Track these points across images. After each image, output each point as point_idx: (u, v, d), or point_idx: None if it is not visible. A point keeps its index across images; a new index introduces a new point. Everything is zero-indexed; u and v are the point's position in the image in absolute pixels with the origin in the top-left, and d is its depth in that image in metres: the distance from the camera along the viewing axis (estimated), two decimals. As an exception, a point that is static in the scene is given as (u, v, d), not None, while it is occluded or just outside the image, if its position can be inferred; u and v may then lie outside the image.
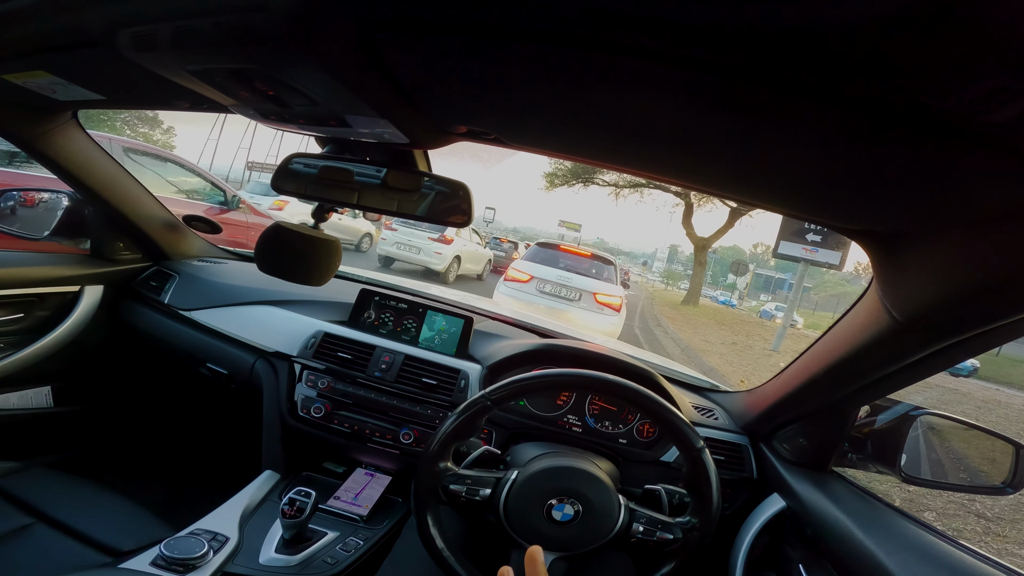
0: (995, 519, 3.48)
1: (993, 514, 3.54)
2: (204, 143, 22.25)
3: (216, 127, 22.11)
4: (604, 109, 0.49)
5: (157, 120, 27.39)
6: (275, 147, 23.17)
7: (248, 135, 22.35)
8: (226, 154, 25.04)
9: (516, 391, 0.82)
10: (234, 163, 21.95)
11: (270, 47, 0.45)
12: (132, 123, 25.26)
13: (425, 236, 8.92)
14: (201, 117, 32.97)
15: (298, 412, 1.18)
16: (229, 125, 24.32)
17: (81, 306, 1.38)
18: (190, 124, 38.40)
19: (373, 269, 2.12)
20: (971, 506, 3.58)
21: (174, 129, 29.47)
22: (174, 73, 0.58)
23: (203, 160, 20.44)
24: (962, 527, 3.31)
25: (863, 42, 0.29)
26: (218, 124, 21.66)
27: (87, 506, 1.06)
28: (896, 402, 0.98)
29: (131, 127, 25.37)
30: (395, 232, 9.04)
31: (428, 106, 0.58)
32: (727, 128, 0.46)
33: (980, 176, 0.41)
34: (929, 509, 3.47)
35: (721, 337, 11.48)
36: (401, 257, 9.11)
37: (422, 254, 9.00)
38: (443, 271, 9.14)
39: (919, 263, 0.57)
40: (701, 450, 0.78)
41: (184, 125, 32.26)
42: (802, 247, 10.01)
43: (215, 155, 21.44)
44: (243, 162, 21.61)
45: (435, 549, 0.78)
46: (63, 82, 0.82)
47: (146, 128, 27.12)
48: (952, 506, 3.56)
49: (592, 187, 17.94)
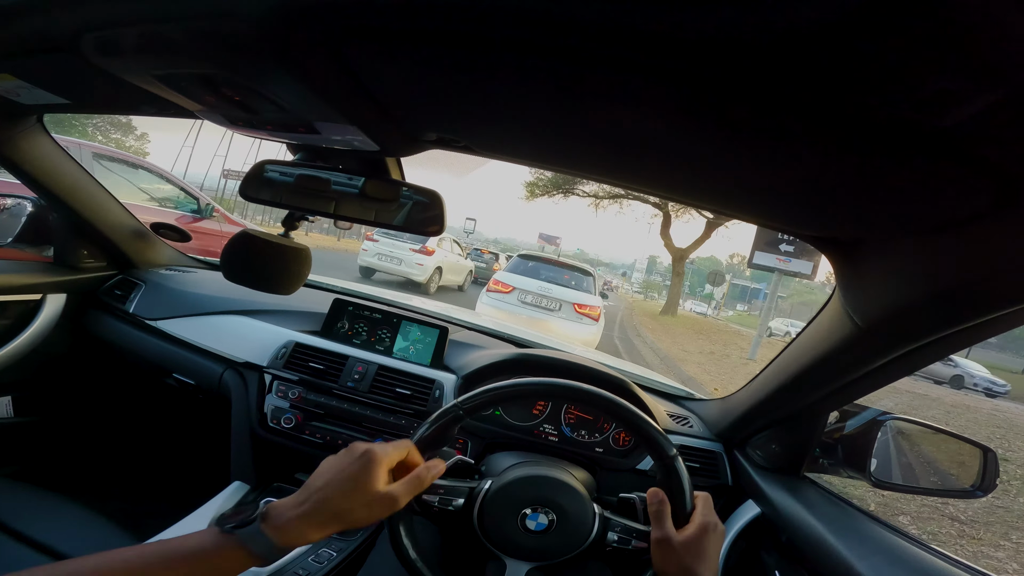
0: (969, 522, 3.53)
1: (967, 517, 3.59)
2: (179, 150, 21.86)
3: (192, 134, 21.72)
4: (571, 119, 0.49)
5: (130, 126, 26.61)
6: (252, 154, 22.88)
7: (224, 143, 22.05)
8: (202, 161, 24.61)
9: (488, 400, 0.81)
10: (209, 171, 21.64)
11: (238, 53, 0.45)
12: (104, 128, 24.48)
13: (406, 247, 8.87)
14: (176, 123, 32.23)
15: (268, 423, 1.15)
16: (205, 132, 23.90)
17: (43, 315, 1.33)
18: (165, 130, 37.64)
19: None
20: (945, 509, 3.63)
21: (148, 135, 28.63)
22: (139, 78, 0.58)
23: (178, 167, 20.08)
24: (937, 530, 3.36)
25: (809, 49, 0.29)
26: (194, 131, 21.30)
27: (50, 517, 1.02)
28: (864, 407, 0.99)
29: (103, 133, 24.59)
30: (376, 243, 8.99)
31: (397, 113, 0.58)
32: (693, 139, 0.47)
33: (929, 183, 0.42)
34: (904, 513, 3.51)
35: (699, 346, 11.55)
36: (382, 268, 9.07)
37: (403, 265, 8.96)
38: (424, 282, 9.09)
39: (878, 270, 0.58)
40: (674, 458, 0.79)
41: (159, 131, 31.42)
42: (776, 257, 10.13)
43: (190, 162, 21.06)
44: (219, 170, 21.27)
45: (408, 560, 0.76)
46: (27, 86, 0.80)
47: (119, 134, 26.30)
48: (926, 509, 3.60)
49: (572, 198, 18.19)
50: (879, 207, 0.49)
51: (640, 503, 0.84)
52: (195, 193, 5.22)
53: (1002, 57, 0.26)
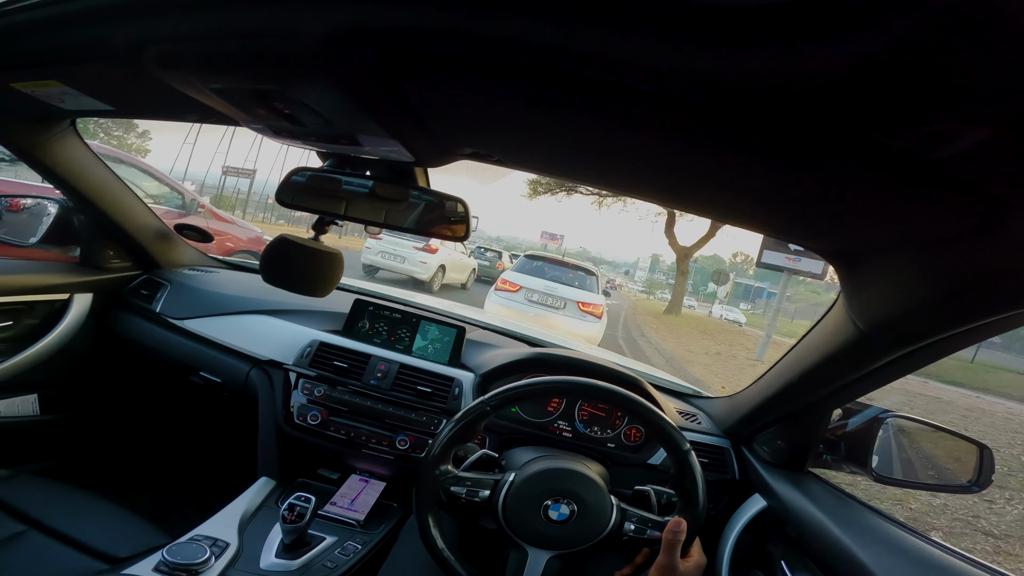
0: (1003, 536, 3.42)
1: (1000, 531, 3.47)
2: (179, 148, 21.74)
3: (192, 132, 21.57)
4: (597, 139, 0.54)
5: (132, 124, 26.37)
6: (254, 152, 22.74)
7: (225, 141, 21.98)
8: (202, 160, 24.45)
9: (514, 397, 0.85)
10: (211, 168, 21.58)
11: (297, 71, 0.48)
12: (106, 127, 24.28)
13: (410, 245, 8.84)
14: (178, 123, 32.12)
15: (294, 420, 1.19)
16: (205, 132, 23.78)
17: (70, 315, 1.37)
18: (166, 129, 37.51)
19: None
20: (977, 524, 3.52)
21: (149, 133, 28.42)
22: (194, 90, 0.60)
23: (178, 164, 19.97)
24: (971, 546, 3.18)
25: (824, 89, 0.33)
26: (194, 129, 21.18)
27: (79, 513, 1.06)
28: (866, 405, 1.03)
29: (106, 131, 24.33)
30: (379, 241, 8.95)
31: (438, 129, 0.61)
32: (707, 160, 0.51)
33: (925, 204, 0.46)
34: (935, 528, 3.39)
35: (705, 347, 11.40)
36: (386, 266, 9.04)
37: (407, 263, 8.93)
38: (428, 280, 9.08)
39: (878, 278, 0.63)
40: (688, 452, 0.83)
41: (160, 130, 31.37)
42: (785, 256, 9.97)
43: (190, 161, 20.98)
44: (219, 167, 21.25)
45: (436, 550, 0.81)
46: (73, 92, 0.81)
47: (120, 132, 26.01)
48: (958, 524, 3.48)
49: (575, 196, 18.09)
50: (879, 224, 0.53)
51: (655, 495, 0.89)
52: (180, 189, 5.20)
53: (988, 100, 0.30)
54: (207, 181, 20.87)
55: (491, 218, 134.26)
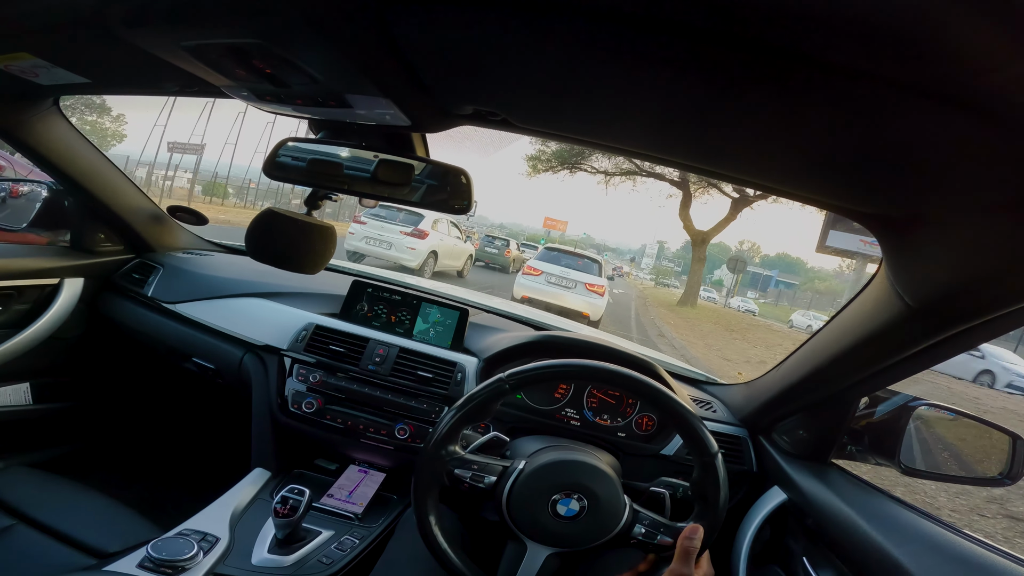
0: None
1: None
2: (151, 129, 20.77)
3: (164, 112, 20.42)
4: (617, 86, 0.47)
5: (106, 107, 25.19)
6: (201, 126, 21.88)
7: (164, 114, 20.19)
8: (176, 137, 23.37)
9: (538, 376, 0.79)
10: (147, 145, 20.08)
11: (274, 19, 0.43)
12: (79, 110, 22.93)
13: (397, 230, 8.22)
14: (151, 103, 30.53)
15: (289, 407, 1.15)
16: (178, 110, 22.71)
17: (60, 299, 1.33)
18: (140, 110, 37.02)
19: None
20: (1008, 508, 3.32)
21: (124, 116, 27.64)
22: (167, 51, 0.56)
23: (149, 146, 19.20)
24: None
25: (905, 21, 0.27)
26: (166, 109, 20.11)
27: (69, 506, 1.02)
28: (895, 393, 0.98)
29: (79, 114, 23.10)
30: (364, 226, 8.29)
31: (435, 84, 0.56)
32: (744, 105, 0.44)
33: (1005, 159, 0.40)
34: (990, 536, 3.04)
35: (740, 350, 9.84)
36: (370, 253, 8.28)
37: (393, 249, 8.22)
38: (417, 267, 8.29)
39: (934, 247, 0.56)
40: (715, 455, 0.77)
41: (135, 111, 30.64)
42: (859, 239, 8.49)
43: (161, 143, 19.81)
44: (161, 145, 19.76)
45: (434, 543, 0.76)
46: (46, 64, 0.78)
47: (94, 116, 25.12)
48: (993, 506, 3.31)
49: (580, 174, 16.72)
50: (946, 183, 0.47)
51: (669, 490, 0.83)
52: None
53: None
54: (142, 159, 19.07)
55: (493, 205, 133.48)
